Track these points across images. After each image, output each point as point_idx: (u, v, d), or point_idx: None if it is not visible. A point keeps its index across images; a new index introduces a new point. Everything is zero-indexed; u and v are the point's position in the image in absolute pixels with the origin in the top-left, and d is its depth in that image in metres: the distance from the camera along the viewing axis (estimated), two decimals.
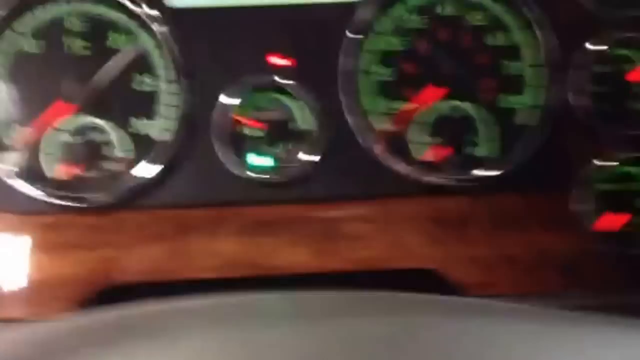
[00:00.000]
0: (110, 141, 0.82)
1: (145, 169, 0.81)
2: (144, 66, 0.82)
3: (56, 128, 0.82)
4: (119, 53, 0.81)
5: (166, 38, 0.82)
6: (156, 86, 0.82)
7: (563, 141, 0.84)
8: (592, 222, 0.83)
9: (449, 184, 0.83)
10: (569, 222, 0.83)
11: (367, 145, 0.82)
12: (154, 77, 0.82)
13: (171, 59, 0.81)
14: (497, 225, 0.83)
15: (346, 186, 0.83)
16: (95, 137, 0.82)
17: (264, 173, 0.82)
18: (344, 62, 0.83)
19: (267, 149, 0.82)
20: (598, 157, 0.84)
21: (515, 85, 0.84)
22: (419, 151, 0.83)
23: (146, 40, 0.82)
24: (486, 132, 0.83)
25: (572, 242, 0.82)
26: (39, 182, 0.80)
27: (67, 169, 0.81)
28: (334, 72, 0.82)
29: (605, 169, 0.84)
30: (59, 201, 0.80)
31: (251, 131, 0.83)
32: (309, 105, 0.82)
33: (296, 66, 0.82)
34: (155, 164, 0.81)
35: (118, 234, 0.81)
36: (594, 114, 0.83)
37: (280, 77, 0.82)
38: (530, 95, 0.84)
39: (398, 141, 0.83)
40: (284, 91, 0.83)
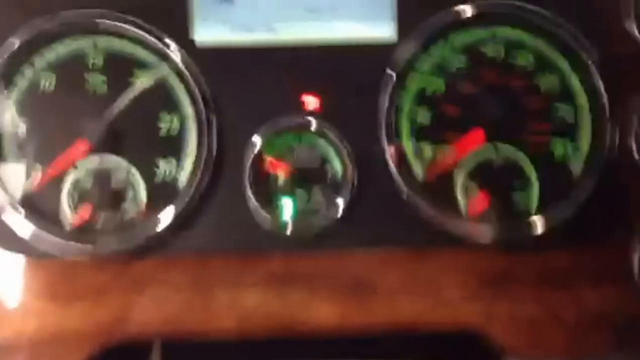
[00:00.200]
0: (130, 183, 0.78)
1: (166, 214, 0.77)
2: (169, 104, 0.79)
3: (74, 169, 0.78)
4: (135, 85, 0.78)
5: (193, 75, 0.78)
6: (182, 126, 0.79)
7: (617, 191, 0.79)
8: None
9: (492, 236, 0.78)
10: (622, 278, 0.78)
11: (405, 192, 0.78)
12: (180, 116, 0.79)
13: (198, 98, 0.78)
14: (544, 281, 0.78)
15: (381, 236, 0.78)
16: (114, 179, 0.78)
17: (294, 220, 0.78)
18: (382, 104, 0.79)
19: (299, 194, 0.79)
20: None
21: (567, 130, 0.79)
22: (460, 200, 0.79)
23: (172, 78, 0.79)
24: (534, 180, 0.79)
25: (627, 299, 0.78)
26: (50, 225, 0.77)
27: (83, 212, 0.77)
28: (372, 114, 0.79)
29: None
30: (71, 247, 0.76)
31: (282, 175, 0.79)
32: (344, 148, 0.78)
33: (331, 107, 0.79)
34: (176, 209, 0.77)
35: (131, 284, 0.77)
36: None
37: (314, 119, 0.79)
38: (583, 141, 0.79)
39: (438, 189, 0.79)
40: (318, 133, 0.79)
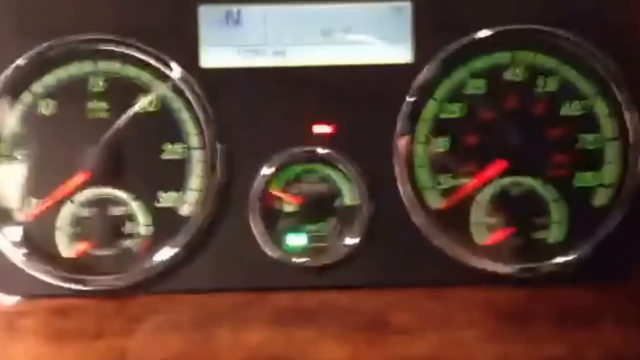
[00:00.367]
0: (130, 216, 0.76)
1: (169, 248, 0.75)
2: (173, 132, 0.76)
3: (73, 201, 0.76)
4: (137, 110, 0.75)
5: (199, 102, 0.75)
6: (186, 155, 0.76)
7: None
8: None
9: (512, 272, 0.75)
10: None
11: (420, 225, 0.75)
12: (184, 145, 0.76)
13: (204, 126, 0.75)
14: (567, 319, 0.76)
15: (395, 272, 0.76)
16: (115, 212, 0.76)
17: (303, 254, 0.76)
18: (398, 131, 0.76)
19: (308, 227, 0.76)
20: None
21: (592, 160, 0.77)
22: (478, 234, 0.77)
23: (176, 104, 0.76)
24: (556, 213, 0.76)
25: None
26: (48, 261, 0.74)
27: (82, 246, 0.75)
28: (387, 141, 0.76)
29: None
30: (69, 283, 0.74)
31: (291, 207, 0.76)
32: (357, 179, 0.75)
33: (344, 135, 0.76)
34: (178, 243, 0.75)
35: (129, 323, 0.74)
36: None
37: (326, 147, 0.76)
38: (608, 171, 0.77)
39: (455, 222, 0.76)
40: (330, 163, 0.76)
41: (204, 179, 0.75)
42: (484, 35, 0.76)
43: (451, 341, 0.75)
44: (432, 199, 0.76)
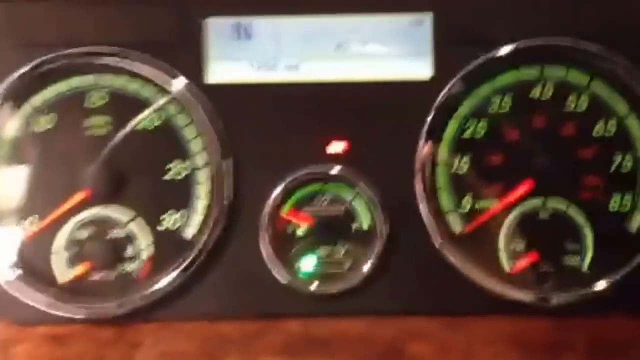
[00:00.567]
0: (131, 237, 0.75)
1: (171, 273, 0.73)
2: (178, 150, 0.75)
3: (70, 222, 0.75)
4: (140, 127, 0.75)
5: (204, 120, 0.74)
6: (192, 174, 0.75)
7: None
8: None
9: (540, 300, 0.73)
10: None
11: (441, 250, 0.74)
12: (190, 162, 0.75)
13: (211, 144, 0.74)
14: (596, 352, 0.73)
15: (413, 299, 0.74)
16: (115, 234, 0.75)
17: (316, 280, 0.74)
18: (417, 150, 0.74)
19: (322, 251, 0.75)
20: None
21: (625, 182, 0.75)
22: (504, 259, 0.75)
23: (181, 120, 0.75)
24: (587, 238, 0.74)
25: None
26: (44, 286, 0.73)
27: (79, 270, 0.74)
28: (405, 160, 0.74)
29: None
30: (65, 309, 0.73)
31: (303, 230, 0.75)
32: (374, 200, 0.74)
33: (360, 153, 0.75)
34: (183, 266, 0.73)
35: (129, 351, 0.73)
36: None
37: (341, 165, 0.75)
38: None
39: (479, 246, 0.74)
40: (344, 182, 0.75)
41: (209, 200, 0.74)
42: (510, 49, 0.74)
43: None
44: (454, 222, 0.75)
